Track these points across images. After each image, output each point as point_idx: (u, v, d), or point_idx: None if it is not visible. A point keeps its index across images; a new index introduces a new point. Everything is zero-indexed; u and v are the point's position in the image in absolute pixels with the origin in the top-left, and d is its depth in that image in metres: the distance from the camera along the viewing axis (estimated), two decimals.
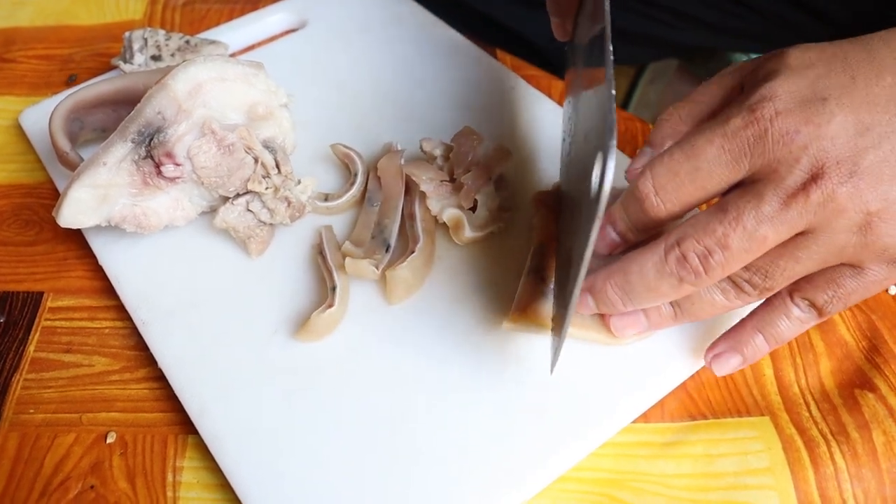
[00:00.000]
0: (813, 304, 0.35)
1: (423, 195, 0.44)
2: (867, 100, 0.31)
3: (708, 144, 0.32)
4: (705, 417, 0.39)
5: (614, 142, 0.27)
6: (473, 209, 0.44)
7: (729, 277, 0.34)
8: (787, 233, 0.31)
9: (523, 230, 0.45)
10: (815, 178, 0.30)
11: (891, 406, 0.39)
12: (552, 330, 0.37)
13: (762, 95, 0.32)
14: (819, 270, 0.34)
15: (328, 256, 0.42)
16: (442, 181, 0.44)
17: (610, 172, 0.27)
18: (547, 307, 0.39)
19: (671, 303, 0.36)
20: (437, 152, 0.46)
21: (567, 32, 0.45)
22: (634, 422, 0.39)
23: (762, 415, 0.39)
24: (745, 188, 0.32)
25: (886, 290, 0.44)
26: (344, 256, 0.42)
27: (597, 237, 0.30)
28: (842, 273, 0.34)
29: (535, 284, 0.40)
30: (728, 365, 0.37)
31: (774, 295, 0.35)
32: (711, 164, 0.32)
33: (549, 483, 0.36)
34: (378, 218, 0.44)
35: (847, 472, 0.37)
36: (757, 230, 0.31)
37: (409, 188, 0.45)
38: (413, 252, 0.41)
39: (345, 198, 0.46)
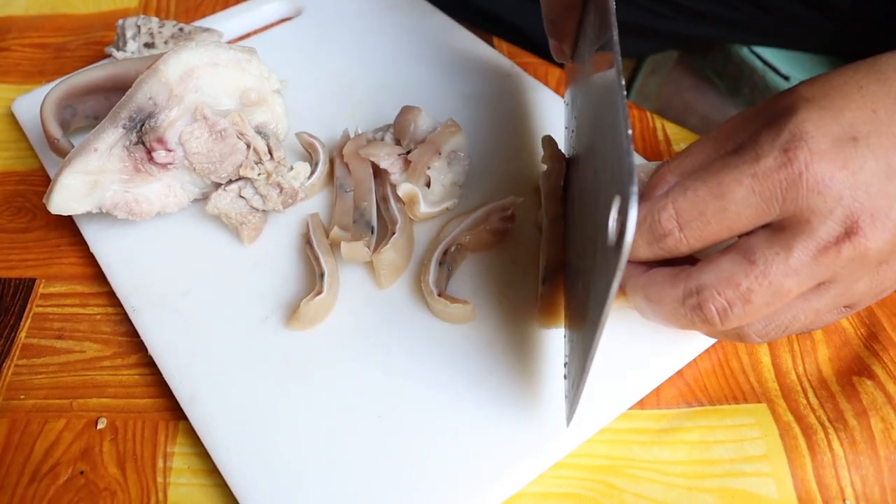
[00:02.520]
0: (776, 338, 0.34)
1: (387, 174, 0.44)
2: (894, 139, 0.30)
3: (736, 185, 0.30)
4: (701, 404, 0.39)
5: (635, 188, 0.25)
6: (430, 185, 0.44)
7: (738, 333, 0.33)
8: (810, 285, 0.30)
9: (518, 216, 0.45)
10: (849, 233, 0.29)
11: (889, 393, 0.39)
12: (565, 376, 0.35)
13: (792, 133, 0.29)
14: None
15: (315, 243, 0.42)
16: (399, 155, 0.44)
17: (632, 225, 0.25)
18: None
19: None
20: (380, 135, 0.46)
21: (565, 55, 0.44)
22: (630, 408, 0.38)
23: (759, 402, 0.39)
24: (773, 236, 0.30)
25: None
26: (336, 242, 0.42)
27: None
28: (832, 313, 0.33)
29: (557, 286, 0.39)
30: None
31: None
32: (740, 205, 0.30)
33: (544, 470, 0.36)
34: (355, 203, 0.44)
35: (845, 460, 0.36)
36: (783, 284, 0.30)
37: (378, 172, 0.45)
38: (394, 233, 0.41)
39: (305, 186, 0.45)
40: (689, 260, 0.33)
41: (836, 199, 0.29)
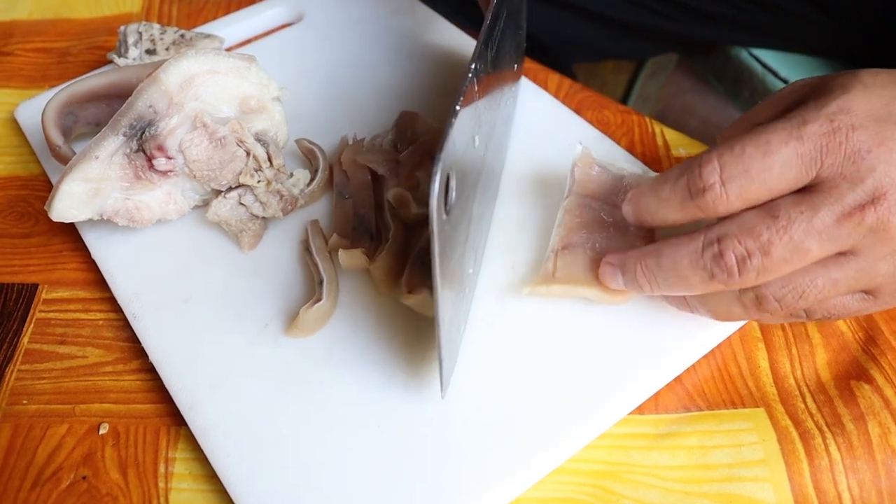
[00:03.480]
0: (794, 312, 0.34)
1: (385, 180, 0.44)
2: None
3: (783, 145, 0.31)
4: (700, 409, 0.39)
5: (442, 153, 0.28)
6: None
7: (756, 294, 0.33)
8: (831, 250, 0.31)
9: None
10: (874, 201, 0.30)
11: (887, 398, 0.39)
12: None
13: (839, 107, 0.31)
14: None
15: (314, 250, 0.42)
16: (396, 160, 0.44)
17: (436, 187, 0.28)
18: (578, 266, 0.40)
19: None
20: (379, 141, 0.46)
21: None
22: (629, 414, 0.38)
23: (757, 406, 0.39)
24: (800, 196, 0.31)
25: None
26: (335, 249, 0.42)
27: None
28: (854, 297, 0.34)
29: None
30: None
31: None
32: (783, 165, 0.31)
33: (544, 476, 0.36)
34: (354, 209, 0.44)
35: (842, 464, 0.36)
36: (803, 242, 0.30)
37: (377, 178, 0.45)
38: (388, 241, 0.42)
39: (305, 193, 0.46)
40: None
41: (869, 169, 0.30)
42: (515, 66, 0.48)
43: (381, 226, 0.44)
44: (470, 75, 0.32)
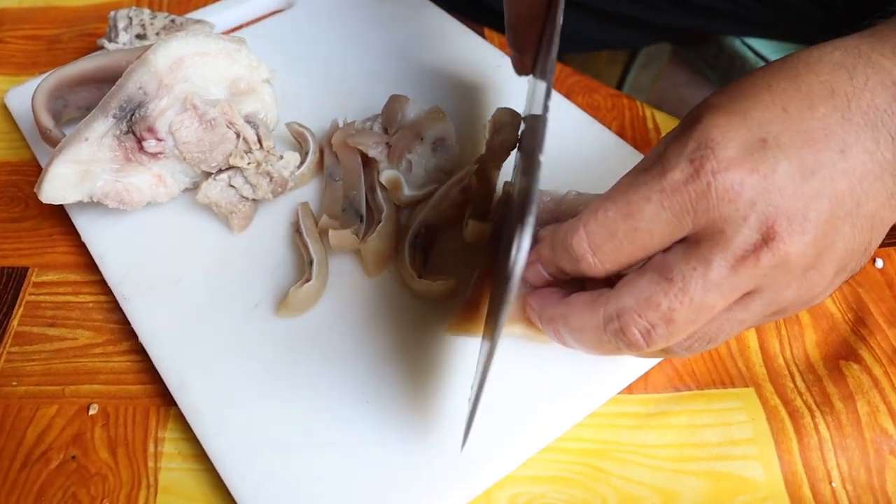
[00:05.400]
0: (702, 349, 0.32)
1: (375, 162, 0.44)
2: (806, 136, 0.28)
3: (645, 202, 0.28)
4: (689, 389, 0.39)
5: (531, 219, 0.26)
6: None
7: (664, 349, 0.31)
8: (734, 297, 0.29)
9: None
10: (766, 239, 0.28)
11: (875, 377, 0.39)
12: (469, 399, 0.32)
13: (697, 142, 0.28)
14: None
15: (304, 232, 0.42)
16: (387, 143, 0.44)
17: (522, 256, 0.26)
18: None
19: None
20: (369, 125, 0.46)
21: (526, 68, 0.43)
22: (618, 393, 0.38)
23: (746, 386, 0.39)
24: (688, 250, 0.29)
25: (873, 263, 0.44)
26: (325, 230, 0.42)
27: (524, 271, 0.30)
28: (764, 320, 0.32)
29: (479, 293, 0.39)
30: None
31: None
32: (651, 223, 0.29)
33: (533, 454, 0.36)
34: (344, 191, 0.44)
35: (831, 443, 0.37)
36: (704, 300, 0.28)
37: (367, 160, 0.45)
38: (380, 222, 0.42)
39: (295, 175, 0.46)
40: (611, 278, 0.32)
41: (749, 205, 0.27)
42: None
43: (371, 207, 0.44)
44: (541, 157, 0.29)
